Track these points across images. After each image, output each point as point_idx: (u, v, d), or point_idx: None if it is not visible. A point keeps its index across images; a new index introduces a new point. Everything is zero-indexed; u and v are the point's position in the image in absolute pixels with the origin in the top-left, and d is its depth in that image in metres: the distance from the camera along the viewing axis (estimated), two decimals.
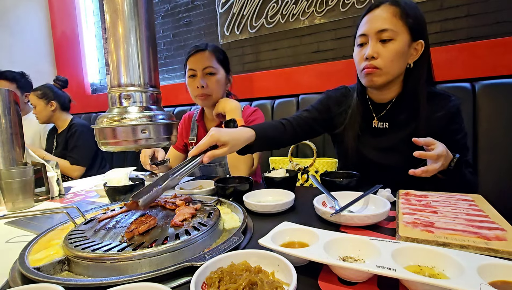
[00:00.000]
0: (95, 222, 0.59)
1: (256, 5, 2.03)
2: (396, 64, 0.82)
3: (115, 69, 0.54)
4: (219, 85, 1.17)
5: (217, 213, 0.61)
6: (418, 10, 0.83)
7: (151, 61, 0.57)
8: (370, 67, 0.82)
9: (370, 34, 0.82)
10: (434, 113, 0.84)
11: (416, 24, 0.81)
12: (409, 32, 0.80)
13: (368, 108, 0.94)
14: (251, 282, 0.36)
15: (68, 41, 3.02)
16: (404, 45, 0.80)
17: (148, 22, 0.56)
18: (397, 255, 0.40)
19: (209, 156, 0.67)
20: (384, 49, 0.80)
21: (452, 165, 0.72)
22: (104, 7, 0.53)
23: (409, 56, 0.84)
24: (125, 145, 0.55)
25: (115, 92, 0.55)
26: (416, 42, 0.82)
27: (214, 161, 1.22)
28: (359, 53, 0.86)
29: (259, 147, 0.85)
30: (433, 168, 0.67)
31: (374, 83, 0.84)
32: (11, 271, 0.47)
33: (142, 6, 0.54)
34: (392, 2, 0.81)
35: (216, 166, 1.24)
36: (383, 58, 0.81)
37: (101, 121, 0.55)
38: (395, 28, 0.79)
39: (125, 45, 0.53)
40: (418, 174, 0.67)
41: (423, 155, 0.68)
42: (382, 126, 0.92)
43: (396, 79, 0.86)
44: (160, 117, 0.57)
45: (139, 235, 0.50)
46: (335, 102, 1.01)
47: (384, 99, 0.91)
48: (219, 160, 1.23)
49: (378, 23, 0.80)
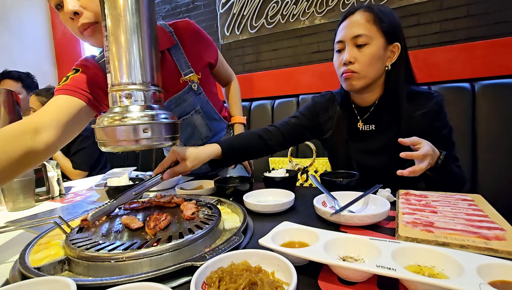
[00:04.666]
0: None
1: (256, 6, 2.04)
2: (373, 67, 0.84)
3: (116, 68, 0.53)
4: None
5: (217, 212, 0.61)
6: (392, 15, 0.85)
7: (153, 60, 0.56)
8: (348, 72, 0.85)
9: (346, 40, 0.84)
10: (416, 111, 0.86)
11: (390, 28, 0.83)
12: (383, 36, 0.83)
13: (353, 112, 0.96)
14: (251, 282, 0.36)
15: (68, 41, 3.02)
16: (379, 49, 0.83)
17: (149, 20, 0.55)
18: (397, 255, 0.40)
19: (169, 173, 0.71)
20: (360, 53, 0.83)
21: (440, 162, 0.74)
22: (104, 5, 0.52)
23: (387, 59, 0.86)
24: (126, 145, 0.54)
25: (116, 91, 0.54)
26: (392, 44, 0.85)
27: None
28: (338, 59, 0.89)
29: (230, 161, 0.90)
30: (419, 168, 0.68)
31: (354, 86, 0.86)
32: (12, 271, 0.47)
33: (144, 4, 0.53)
34: (366, 8, 0.84)
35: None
36: (360, 62, 0.83)
37: (102, 120, 0.54)
38: (369, 33, 0.82)
39: (127, 44, 0.52)
40: (406, 175, 0.68)
41: (409, 155, 0.69)
42: (369, 129, 0.93)
43: (376, 81, 0.88)
44: (163, 116, 0.56)
45: (161, 230, 0.52)
46: (322, 109, 1.02)
47: (367, 102, 0.93)
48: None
49: (353, 29, 0.83)
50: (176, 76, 0.97)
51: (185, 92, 0.98)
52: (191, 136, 1.11)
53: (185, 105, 1.00)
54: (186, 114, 1.02)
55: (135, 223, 0.55)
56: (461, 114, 1.23)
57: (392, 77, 0.87)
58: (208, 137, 1.13)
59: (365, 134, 0.94)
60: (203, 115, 1.05)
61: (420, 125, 0.84)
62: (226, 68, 1.18)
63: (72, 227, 0.58)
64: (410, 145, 0.72)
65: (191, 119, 1.04)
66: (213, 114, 1.10)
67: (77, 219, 0.68)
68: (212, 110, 1.09)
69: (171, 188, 1.03)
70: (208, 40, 1.03)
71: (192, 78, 0.98)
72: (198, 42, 0.98)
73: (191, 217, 0.58)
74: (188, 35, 0.96)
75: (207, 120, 1.08)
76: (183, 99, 0.99)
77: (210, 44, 1.04)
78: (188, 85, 0.98)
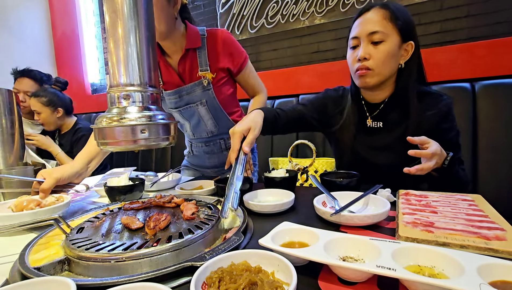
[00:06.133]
0: (90, 224, 0.59)
1: (256, 5, 2.04)
2: (388, 64, 0.84)
3: (115, 69, 0.54)
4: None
5: (217, 212, 0.61)
6: (407, 13, 0.86)
7: (151, 61, 0.57)
8: (362, 68, 0.85)
9: (362, 36, 0.85)
10: (425, 112, 0.86)
11: (405, 26, 0.83)
12: (399, 33, 0.83)
13: (362, 108, 0.97)
14: (251, 282, 0.36)
15: (68, 41, 3.02)
16: (394, 46, 0.83)
17: (147, 22, 0.55)
18: (397, 255, 0.40)
19: (246, 145, 0.76)
20: (375, 50, 0.83)
21: (446, 163, 0.74)
22: (103, 7, 0.53)
23: (400, 57, 0.86)
24: (125, 145, 0.55)
25: (114, 92, 0.55)
26: (406, 43, 0.85)
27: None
28: (352, 55, 0.89)
29: (264, 130, 0.91)
30: (427, 166, 0.68)
31: (367, 84, 0.87)
32: (11, 271, 0.47)
33: (142, 6, 0.54)
34: (382, 5, 0.84)
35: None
36: (375, 59, 0.84)
37: (100, 121, 0.55)
38: (385, 30, 0.82)
39: (125, 45, 0.53)
40: (413, 172, 0.68)
41: (418, 153, 0.69)
42: (377, 126, 0.94)
43: (388, 79, 0.88)
44: (160, 117, 0.57)
45: (161, 230, 0.53)
46: (333, 102, 1.03)
47: (377, 99, 0.94)
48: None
49: (369, 25, 0.83)
50: (195, 70, 1.12)
51: (196, 84, 1.12)
52: (197, 125, 1.23)
53: (194, 95, 1.14)
54: (193, 103, 1.16)
55: (135, 223, 0.55)
56: (462, 114, 1.23)
57: (404, 76, 0.88)
58: (214, 133, 1.24)
59: (373, 131, 0.95)
60: (207, 109, 1.16)
61: (428, 125, 0.84)
62: (253, 81, 1.24)
63: (72, 227, 0.58)
64: (418, 144, 0.73)
65: (196, 108, 1.17)
66: (219, 111, 1.18)
67: (77, 219, 0.68)
68: (218, 107, 1.17)
69: (171, 188, 1.03)
70: (233, 50, 1.14)
71: (206, 75, 1.11)
72: (222, 49, 1.12)
73: (191, 217, 0.58)
74: (215, 42, 1.12)
75: (212, 114, 1.18)
76: (193, 89, 1.13)
77: (235, 54, 1.15)
78: (200, 80, 1.11)
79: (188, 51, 1.09)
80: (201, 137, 1.27)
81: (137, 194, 0.88)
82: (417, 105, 0.86)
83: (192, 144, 1.35)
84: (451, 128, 0.86)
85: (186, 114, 1.20)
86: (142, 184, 0.91)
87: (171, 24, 1.02)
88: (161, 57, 1.14)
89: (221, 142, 1.28)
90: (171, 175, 1.09)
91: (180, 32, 1.08)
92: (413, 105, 0.86)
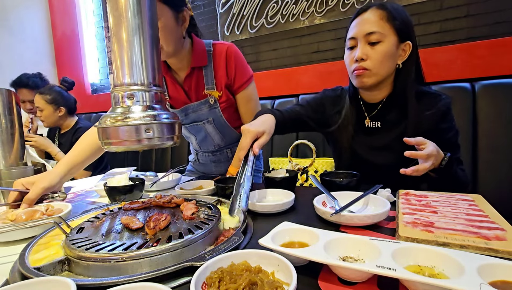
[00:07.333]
0: (90, 224, 0.59)
1: (256, 5, 2.04)
2: (385, 65, 0.84)
3: (118, 68, 0.54)
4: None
5: (217, 212, 0.61)
6: (404, 13, 0.86)
7: (155, 60, 0.56)
8: (360, 69, 0.85)
9: (359, 36, 0.85)
10: (424, 111, 0.86)
11: (403, 26, 0.83)
12: (396, 34, 0.83)
13: (361, 108, 0.97)
14: (251, 282, 0.36)
15: (68, 41, 3.02)
16: (392, 47, 0.83)
17: (151, 20, 0.55)
18: (397, 255, 0.40)
19: (258, 146, 0.75)
20: (372, 51, 0.83)
21: (443, 163, 0.74)
22: (107, 6, 0.53)
23: (398, 57, 0.86)
24: (129, 145, 0.54)
25: (118, 91, 0.54)
26: (404, 43, 0.85)
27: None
28: (349, 56, 0.89)
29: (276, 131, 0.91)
30: (423, 167, 0.68)
31: (365, 84, 0.87)
32: (11, 271, 0.47)
33: (146, 4, 0.54)
34: (379, 6, 0.84)
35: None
36: (372, 59, 0.84)
37: (104, 120, 0.54)
38: (382, 31, 0.82)
39: (129, 44, 0.53)
40: (409, 173, 0.68)
41: (413, 154, 0.69)
42: (375, 126, 0.94)
43: (386, 79, 0.88)
44: (164, 116, 0.57)
45: (161, 230, 0.52)
46: (331, 102, 1.03)
47: (375, 99, 0.94)
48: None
49: (366, 26, 0.83)
50: (201, 88, 1.10)
51: (202, 103, 1.10)
52: (204, 140, 1.23)
53: (200, 113, 1.13)
54: (199, 121, 1.15)
55: (135, 223, 0.55)
56: (462, 114, 1.23)
57: (402, 76, 0.88)
58: (221, 146, 1.24)
59: (371, 131, 0.95)
60: (215, 126, 1.15)
61: (426, 125, 0.84)
62: (249, 108, 1.15)
63: (72, 227, 0.58)
64: (415, 145, 0.73)
65: (203, 126, 1.16)
66: (226, 127, 1.17)
67: (77, 219, 0.68)
68: (225, 124, 1.16)
69: (171, 188, 1.03)
70: (238, 68, 1.08)
71: (212, 93, 1.09)
72: (228, 65, 1.08)
73: (191, 217, 0.58)
74: (221, 58, 1.08)
75: (219, 130, 1.17)
76: (199, 108, 1.12)
77: (240, 73, 1.09)
78: (207, 98, 1.09)
79: (194, 69, 1.07)
80: (208, 150, 1.27)
81: (137, 194, 0.88)
82: (415, 105, 0.86)
83: (198, 153, 1.33)
84: (450, 128, 0.86)
85: (192, 130, 1.19)
86: (142, 184, 0.91)
87: (179, 44, 1.00)
88: (167, 73, 1.11)
89: (227, 152, 1.27)
90: (171, 175, 1.09)
91: (186, 49, 1.05)
92: (411, 105, 0.86)
